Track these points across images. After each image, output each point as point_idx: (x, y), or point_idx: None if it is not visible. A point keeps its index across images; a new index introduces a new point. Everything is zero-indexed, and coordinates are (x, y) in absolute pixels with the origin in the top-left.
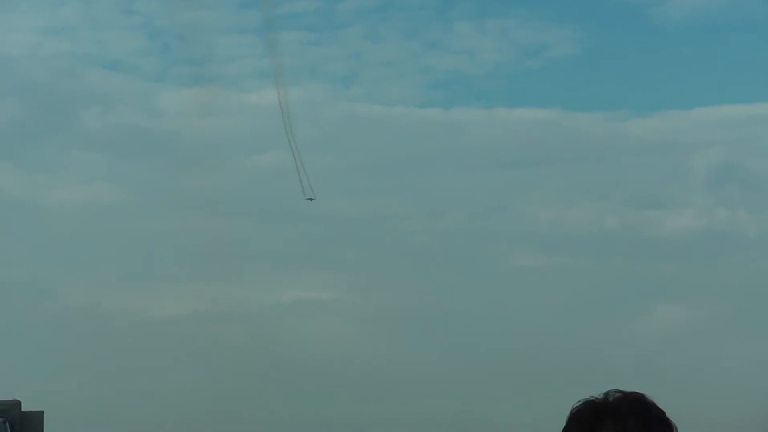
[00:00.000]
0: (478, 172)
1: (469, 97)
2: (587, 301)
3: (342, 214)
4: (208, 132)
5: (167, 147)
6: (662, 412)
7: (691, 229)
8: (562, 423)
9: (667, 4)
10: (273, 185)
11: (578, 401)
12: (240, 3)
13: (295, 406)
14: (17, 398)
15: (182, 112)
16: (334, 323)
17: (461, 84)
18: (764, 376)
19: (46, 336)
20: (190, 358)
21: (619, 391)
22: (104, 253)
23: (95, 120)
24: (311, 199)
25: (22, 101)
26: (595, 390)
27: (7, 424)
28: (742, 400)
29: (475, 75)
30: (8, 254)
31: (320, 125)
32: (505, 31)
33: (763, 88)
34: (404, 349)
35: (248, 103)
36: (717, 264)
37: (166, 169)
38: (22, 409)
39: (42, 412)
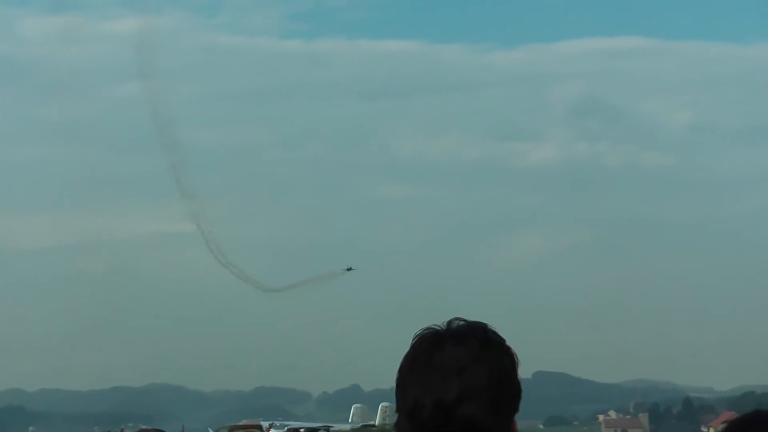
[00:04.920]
0: (340, 103)
1: (332, 28)
2: (448, 230)
3: (203, 144)
4: (70, 60)
5: (28, 75)
6: (502, 339)
7: (552, 161)
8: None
9: None
10: (134, 115)
11: (421, 329)
12: None
13: (156, 337)
14: None
15: (44, 40)
16: (195, 254)
17: (324, 15)
18: (620, 301)
19: None
20: (53, 290)
21: (462, 320)
22: None
23: None
24: (350, 269)
25: None
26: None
27: None
28: (599, 326)
29: (338, 6)
30: None
31: (183, 54)
32: None
33: (625, 22)
34: (264, 281)
35: (109, 32)
36: (577, 195)
37: (27, 98)
38: None
39: None
